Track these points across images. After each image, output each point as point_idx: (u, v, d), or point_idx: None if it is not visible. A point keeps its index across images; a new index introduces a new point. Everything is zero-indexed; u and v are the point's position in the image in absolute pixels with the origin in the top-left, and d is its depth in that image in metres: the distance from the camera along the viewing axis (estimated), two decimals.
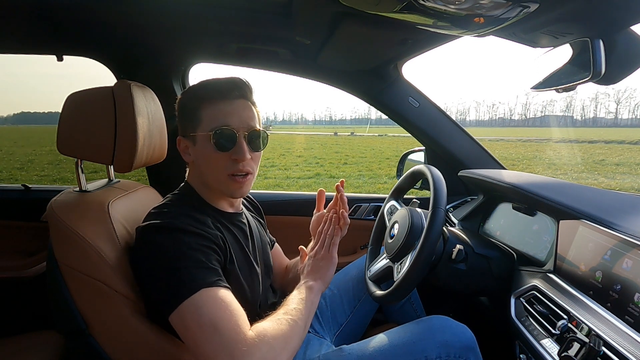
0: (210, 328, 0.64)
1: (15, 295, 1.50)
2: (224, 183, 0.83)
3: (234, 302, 0.69)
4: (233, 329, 0.65)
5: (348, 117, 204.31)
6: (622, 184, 7.97)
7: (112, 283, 0.73)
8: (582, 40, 0.75)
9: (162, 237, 0.72)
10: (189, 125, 0.83)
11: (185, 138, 0.85)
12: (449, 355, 0.82)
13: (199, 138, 0.82)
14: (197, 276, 0.68)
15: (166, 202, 0.82)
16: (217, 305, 0.67)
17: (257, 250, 0.94)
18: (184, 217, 0.76)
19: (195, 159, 0.85)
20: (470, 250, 0.95)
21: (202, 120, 0.81)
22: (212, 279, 0.69)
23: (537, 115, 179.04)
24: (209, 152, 0.81)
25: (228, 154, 0.80)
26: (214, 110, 0.81)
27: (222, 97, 0.81)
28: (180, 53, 1.40)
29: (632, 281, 0.66)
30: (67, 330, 0.76)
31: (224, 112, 0.80)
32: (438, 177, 0.93)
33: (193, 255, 0.70)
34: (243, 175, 0.83)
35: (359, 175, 8.38)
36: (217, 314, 0.66)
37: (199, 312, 0.66)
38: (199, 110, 0.81)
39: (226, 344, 0.63)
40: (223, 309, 0.67)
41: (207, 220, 0.80)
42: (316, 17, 1.00)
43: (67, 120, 0.82)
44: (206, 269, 0.70)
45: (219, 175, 0.82)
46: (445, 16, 0.71)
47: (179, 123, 0.87)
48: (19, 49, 1.40)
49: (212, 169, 0.82)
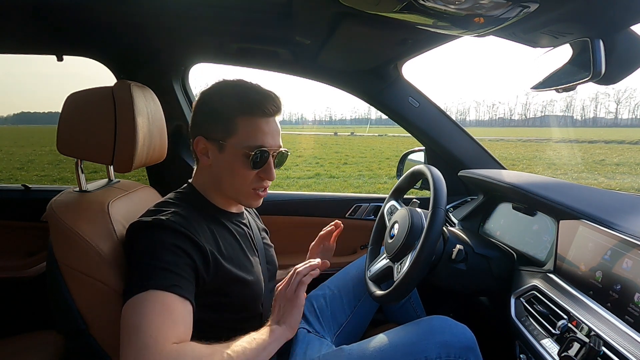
0: (134, 329, 0.62)
1: (15, 295, 1.50)
2: (244, 195, 0.85)
3: (176, 311, 0.66)
4: (153, 337, 0.61)
5: (348, 117, 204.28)
6: (622, 184, 7.97)
7: (112, 283, 0.73)
8: (582, 40, 0.75)
9: (143, 233, 0.72)
10: (218, 130, 0.81)
11: (209, 141, 0.82)
12: (449, 355, 0.82)
13: (229, 148, 0.80)
14: (153, 276, 0.67)
15: (163, 201, 0.83)
16: (152, 310, 0.64)
17: (258, 251, 0.94)
18: (174, 215, 0.75)
19: (216, 165, 0.83)
20: (470, 250, 0.95)
21: (238, 132, 0.79)
22: (168, 283, 0.67)
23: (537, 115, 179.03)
24: (238, 166, 0.80)
25: (256, 170, 0.82)
26: (252, 126, 0.80)
27: (262, 114, 0.80)
28: (180, 53, 1.40)
29: (632, 281, 0.66)
30: (67, 330, 0.76)
31: (263, 131, 0.80)
32: (438, 177, 0.93)
33: (162, 255, 0.69)
34: (264, 190, 0.86)
35: (359, 175, 8.37)
36: (147, 318, 0.63)
37: (135, 311, 0.64)
38: (235, 120, 0.79)
39: (139, 349, 0.60)
40: (156, 315, 0.63)
41: (201, 221, 0.80)
42: (316, 17, 1.00)
43: (67, 120, 0.82)
44: (167, 270, 0.68)
45: (243, 188, 0.83)
46: (445, 16, 0.71)
47: (201, 122, 0.83)
48: (19, 49, 1.40)
49: (237, 181, 0.82)
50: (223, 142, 0.80)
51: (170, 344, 0.63)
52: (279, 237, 1.21)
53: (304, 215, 1.44)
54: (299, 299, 0.79)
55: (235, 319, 0.84)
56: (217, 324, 0.81)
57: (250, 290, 0.84)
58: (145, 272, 0.68)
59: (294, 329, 0.79)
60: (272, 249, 1.04)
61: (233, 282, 0.80)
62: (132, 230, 0.76)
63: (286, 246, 1.23)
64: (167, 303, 0.65)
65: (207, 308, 0.77)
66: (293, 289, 0.80)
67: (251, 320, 0.86)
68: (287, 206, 1.58)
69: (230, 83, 0.84)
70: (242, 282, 0.82)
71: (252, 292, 0.85)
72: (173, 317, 0.65)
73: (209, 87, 0.85)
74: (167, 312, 0.65)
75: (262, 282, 0.89)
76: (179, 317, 0.66)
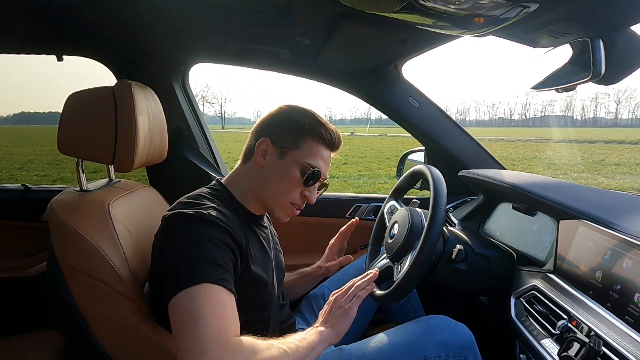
0: (193, 322, 0.63)
1: (15, 295, 1.50)
2: (280, 205, 0.87)
3: (228, 305, 0.68)
4: (216, 329, 0.63)
5: (348, 117, 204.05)
6: (622, 184, 7.97)
7: (112, 283, 0.73)
8: (582, 40, 0.74)
9: (187, 226, 0.72)
10: (287, 139, 0.85)
11: (273, 145, 0.85)
12: (448, 354, 0.82)
13: (290, 158, 0.84)
14: (204, 269, 0.67)
15: (198, 194, 0.82)
16: (210, 303, 0.65)
17: (273, 254, 0.95)
18: (213, 209, 0.75)
19: (270, 168, 0.85)
20: (470, 250, 0.95)
21: (304, 148, 0.85)
22: (218, 276, 0.68)
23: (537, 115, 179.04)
24: (291, 176, 0.84)
25: (303, 188, 0.86)
26: (317, 149, 0.86)
27: (328, 144, 0.88)
28: (180, 53, 1.40)
29: (632, 281, 0.66)
30: (67, 330, 0.77)
31: (323, 158, 0.87)
32: (438, 177, 0.93)
33: (208, 248, 0.70)
34: (299, 208, 0.88)
35: (359, 175, 8.37)
36: (205, 311, 0.64)
37: (190, 304, 0.64)
38: (307, 138, 0.85)
39: (202, 341, 0.61)
40: (213, 307, 0.65)
41: (235, 218, 0.80)
42: (316, 17, 1.00)
43: (67, 120, 0.82)
44: (216, 264, 0.69)
45: (284, 199, 0.86)
46: (445, 16, 0.71)
47: (273, 126, 0.87)
48: (19, 49, 1.40)
49: (283, 189, 0.85)
50: (287, 150, 0.84)
51: (232, 336, 0.65)
52: (281, 236, 1.21)
53: (304, 215, 1.43)
54: (352, 310, 0.82)
55: (247, 320, 0.84)
56: None
57: (267, 293, 0.85)
58: (195, 265, 0.68)
59: (340, 337, 0.81)
60: (281, 254, 1.04)
61: (254, 283, 0.81)
62: (171, 221, 0.74)
63: (286, 246, 1.22)
64: (220, 296, 0.67)
65: None
66: (349, 300, 0.84)
67: (261, 322, 0.87)
68: None
69: (308, 109, 0.91)
70: (263, 283, 0.83)
71: (268, 294, 0.86)
72: (227, 309, 0.67)
73: (290, 104, 0.92)
74: (223, 305, 0.66)
75: (275, 283, 0.90)
76: (231, 310, 0.68)
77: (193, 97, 1.57)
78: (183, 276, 0.67)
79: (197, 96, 2.76)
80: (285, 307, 1.02)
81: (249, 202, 0.87)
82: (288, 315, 1.02)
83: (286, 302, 1.04)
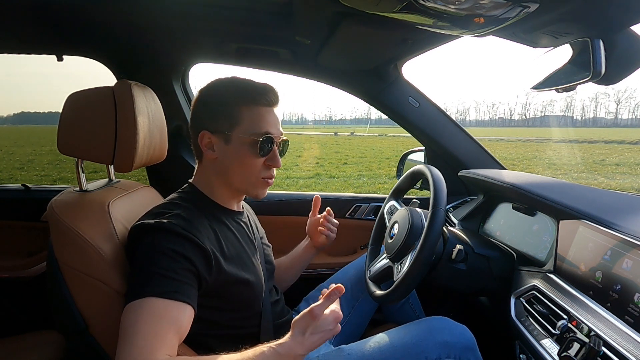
0: (128, 336, 0.63)
1: (15, 295, 1.50)
2: (253, 184, 0.86)
3: (171, 320, 0.65)
4: (147, 346, 0.62)
5: (348, 117, 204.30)
6: (622, 184, 7.97)
7: (112, 283, 0.73)
8: (582, 40, 0.74)
9: (145, 238, 0.73)
10: (223, 122, 0.82)
11: (214, 134, 0.83)
12: (449, 355, 0.82)
13: (236, 138, 0.82)
14: (152, 282, 0.67)
15: (165, 202, 0.83)
16: (149, 318, 0.64)
17: (257, 250, 0.94)
18: (176, 217, 0.75)
19: (223, 157, 0.83)
20: (470, 250, 0.95)
21: (242, 121, 0.81)
22: (168, 289, 0.67)
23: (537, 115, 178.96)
24: (246, 155, 0.82)
25: (263, 159, 0.83)
26: (256, 115, 0.82)
27: (264, 103, 0.83)
28: (180, 53, 1.40)
29: (632, 281, 0.66)
30: (67, 330, 0.76)
31: (266, 120, 0.83)
32: (438, 177, 0.93)
33: (161, 260, 0.69)
34: (271, 178, 0.87)
35: (359, 175, 8.37)
36: (142, 326, 0.63)
37: (129, 317, 0.64)
38: (238, 110, 0.81)
39: (132, 356, 0.61)
40: (151, 323, 0.64)
41: (203, 220, 0.80)
42: (316, 17, 1.00)
43: (67, 120, 0.82)
44: (167, 277, 0.68)
45: (251, 177, 0.84)
46: (445, 16, 0.71)
47: (204, 117, 0.84)
48: (19, 49, 1.40)
49: (245, 170, 0.83)
50: (229, 132, 0.81)
51: (163, 354, 0.63)
52: (278, 237, 1.21)
53: (304, 215, 1.44)
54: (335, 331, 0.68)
55: (236, 317, 0.84)
56: (218, 322, 0.81)
57: (251, 291, 0.84)
58: (144, 278, 0.68)
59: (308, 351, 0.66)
60: (270, 248, 1.04)
61: (235, 283, 0.80)
62: (133, 233, 0.76)
63: (286, 246, 1.23)
64: (163, 310, 0.65)
65: (208, 308, 0.77)
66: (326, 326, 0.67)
67: (251, 319, 0.87)
68: (287, 206, 1.58)
69: (227, 79, 0.86)
70: (244, 282, 0.82)
71: (253, 292, 0.85)
72: (168, 325, 0.65)
73: (207, 85, 0.87)
74: (163, 320, 0.65)
75: (263, 281, 0.89)
76: (174, 325, 0.66)
77: (193, 97, 1.57)
78: (132, 289, 0.68)
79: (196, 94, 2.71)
80: (280, 302, 1.00)
81: (220, 195, 0.87)
82: (284, 310, 1.01)
83: (280, 297, 1.02)
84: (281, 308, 1.00)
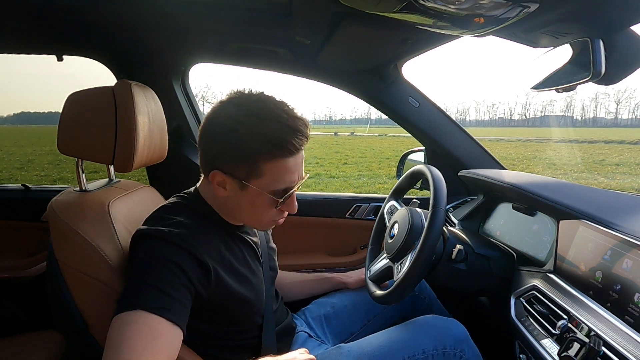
0: (114, 349, 0.59)
1: (15, 295, 1.50)
2: (262, 224, 0.82)
3: (160, 338, 0.62)
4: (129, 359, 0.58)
5: (348, 117, 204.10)
6: (622, 184, 7.97)
7: (112, 283, 0.73)
8: (582, 40, 0.74)
9: (144, 246, 0.70)
10: (241, 170, 0.72)
11: (228, 176, 0.73)
12: (445, 347, 0.86)
13: (253, 189, 0.73)
14: (145, 294, 0.64)
15: (168, 206, 0.79)
16: (138, 333, 0.60)
17: (262, 259, 0.91)
18: (177, 225, 0.72)
19: (235, 197, 0.75)
20: (470, 250, 0.95)
21: (264, 175, 0.71)
22: (158, 304, 0.63)
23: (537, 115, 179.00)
24: (261, 204, 0.75)
25: (278, 206, 0.76)
26: (280, 169, 0.72)
27: (292, 152, 0.71)
28: (180, 53, 1.40)
29: (632, 281, 0.66)
30: (67, 330, 0.76)
31: (290, 171, 0.72)
32: (438, 177, 0.93)
33: (158, 272, 0.66)
34: (280, 219, 0.81)
35: (359, 175, 8.36)
36: (129, 340, 0.60)
37: (117, 329, 0.61)
38: (263, 165, 0.71)
39: None
40: (140, 339, 0.60)
41: (206, 232, 0.76)
42: (316, 17, 1.00)
43: (67, 120, 0.82)
44: (161, 292, 0.64)
45: (262, 219, 0.79)
46: (445, 16, 0.71)
47: (219, 156, 0.73)
48: (19, 49, 1.40)
49: (256, 213, 0.78)
50: (246, 182, 0.72)
51: None
52: (278, 237, 1.21)
53: (303, 215, 1.44)
54: None
55: (233, 330, 0.83)
56: (214, 335, 0.80)
57: (250, 308, 0.82)
58: (137, 289, 0.65)
59: None
60: (274, 251, 1.02)
61: (234, 300, 0.78)
62: (134, 239, 0.74)
63: (286, 246, 1.23)
64: (153, 327, 0.62)
65: (204, 321, 0.76)
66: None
67: (250, 332, 0.86)
68: None
69: (247, 110, 0.71)
70: (243, 300, 0.79)
71: (251, 309, 0.83)
72: (157, 343, 0.61)
73: (220, 112, 0.73)
74: (152, 337, 0.61)
75: (264, 295, 0.87)
76: (163, 343, 0.62)
77: (193, 97, 1.57)
78: (124, 298, 0.65)
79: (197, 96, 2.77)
80: (280, 308, 0.98)
81: (226, 215, 0.81)
82: (282, 314, 0.99)
83: (280, 303, 1.00)
84: (280, 312, 0.99)
